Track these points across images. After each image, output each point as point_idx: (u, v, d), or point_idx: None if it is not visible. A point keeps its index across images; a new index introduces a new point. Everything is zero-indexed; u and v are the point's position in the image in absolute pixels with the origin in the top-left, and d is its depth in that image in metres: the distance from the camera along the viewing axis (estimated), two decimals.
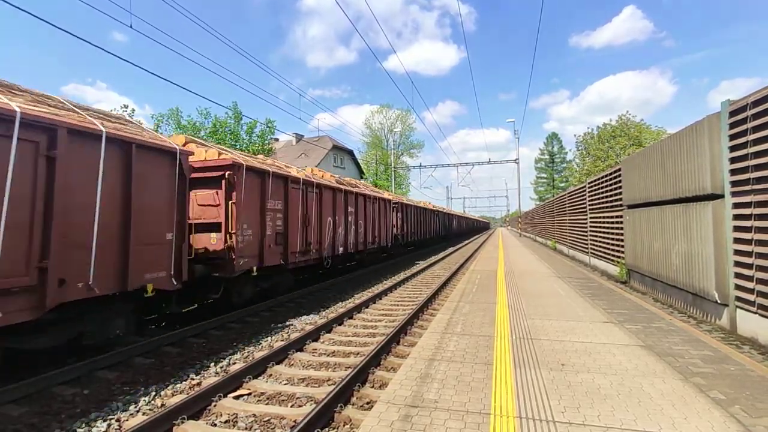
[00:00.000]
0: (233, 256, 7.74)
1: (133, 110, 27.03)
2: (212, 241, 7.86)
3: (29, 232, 4.45)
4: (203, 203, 7.93)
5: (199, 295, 8.10)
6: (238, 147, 26.28)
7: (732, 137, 6.17)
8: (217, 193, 7.90)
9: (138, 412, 4.34)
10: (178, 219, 6.50)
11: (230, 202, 7.80)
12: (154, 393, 4.78)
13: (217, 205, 7.89)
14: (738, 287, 6.09)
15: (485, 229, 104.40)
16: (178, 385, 5.00)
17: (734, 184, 6.14)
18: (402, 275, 14.56)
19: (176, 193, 6.48)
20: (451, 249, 29.26)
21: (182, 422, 3.93)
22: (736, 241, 6.10)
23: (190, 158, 7.18)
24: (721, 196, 6.43)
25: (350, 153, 49.53)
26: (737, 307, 6.15)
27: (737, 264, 6.09)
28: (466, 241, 40.02)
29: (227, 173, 7.83)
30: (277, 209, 9.39)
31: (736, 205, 6.10)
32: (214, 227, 7.88)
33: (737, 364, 4.26)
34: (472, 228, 73.30)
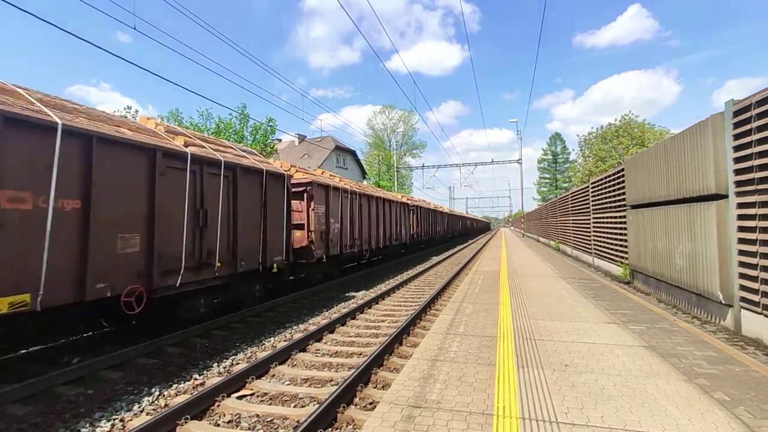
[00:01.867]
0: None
1: (137, 111, 27.01)
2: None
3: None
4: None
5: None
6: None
7: (736, 137, 6.14)
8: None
9: (141, 412, 4.36)
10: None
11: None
12: (157, 393, 4.79)
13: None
14: (742, 288, 6.06)
15: (485, 230, 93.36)
16: (182, 385, 5.02)
17: (738, 184, 6.11)
18: (410, 272, 14.59)
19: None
20: (445, 253, 29.20)
21: (185, 422, 3.94)
22: (741, 241, 6.07)
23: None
24: (725, 196, 6.40)
25: (353, 153, 49.54)
26: (742, 307, 6.12)
27: (741, 264, 6.06)
28: (463, 244, 39.85)
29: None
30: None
31: (741, 205, 6.07)
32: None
33: (742, 365, 4.24)
34: (467, 229, 60.81)
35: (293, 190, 10.34)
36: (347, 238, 13.26)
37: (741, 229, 6.06)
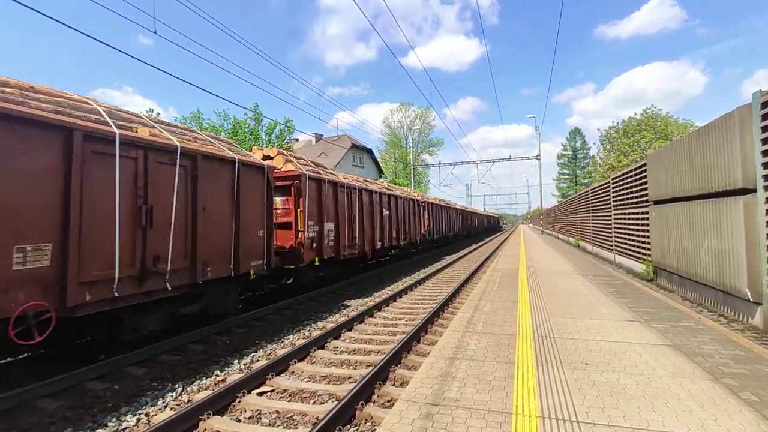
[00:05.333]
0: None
1: (158, 113, 27.61)
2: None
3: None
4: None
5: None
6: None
7: (764, 129, 5.93)
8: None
9: (166, 407, 4.47)
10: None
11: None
12: (180, 389, 4.91)
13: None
14: None
15: (495, 229, 75.34)
16: (203, 381, 5.13)
17: (767, 178, 5.91)
18: (425, 272, 14.55)
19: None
20: (461, 251, 28.96)
21: (208, 417, 4.02)
22: None
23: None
24: (753, 191, 6.19)
25: (369, 152, 49.60)
26: None
27: None
28: (479, 243, 39.38)
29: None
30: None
31: None
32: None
33: None
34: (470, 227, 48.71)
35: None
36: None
37: None
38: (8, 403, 4.27)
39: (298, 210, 9.70)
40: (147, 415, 4.28)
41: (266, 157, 10.38)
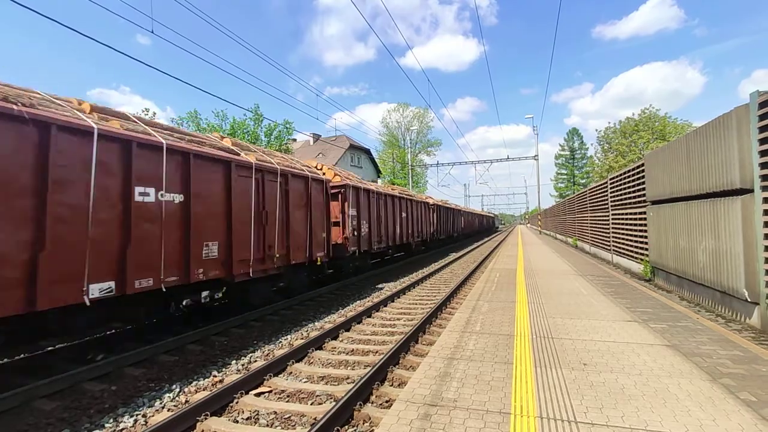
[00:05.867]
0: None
1: (155, 113, 27.52)
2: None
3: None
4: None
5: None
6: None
7: (762, 129, 5.94)
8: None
9: (163, 408, 4.46)
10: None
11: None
12: (178, 389, 4.90)
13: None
14: None
15: (488, 230, 67.72)
16: (201, 382, 5.11)
17: (764, 178, 5.92)
18: (425, 271, 14.58)
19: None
20: (464, 249, 29.03)
21: (205, 418, 4.01)
22: (767, 237, 5.88)
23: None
24: (751, 191, 6.21)
25: (367, 152, 49.58)
26: None
27: None
28: (480, 241, 39.50)
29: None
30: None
31: (767, 200, 5.88)
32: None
33: None
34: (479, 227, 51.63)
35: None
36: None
37: None
38: (5, 404, 4.25)
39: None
40: (144, 416, 4.26)
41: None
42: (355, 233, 12.85)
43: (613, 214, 14.97)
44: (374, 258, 16.55)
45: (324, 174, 11.95)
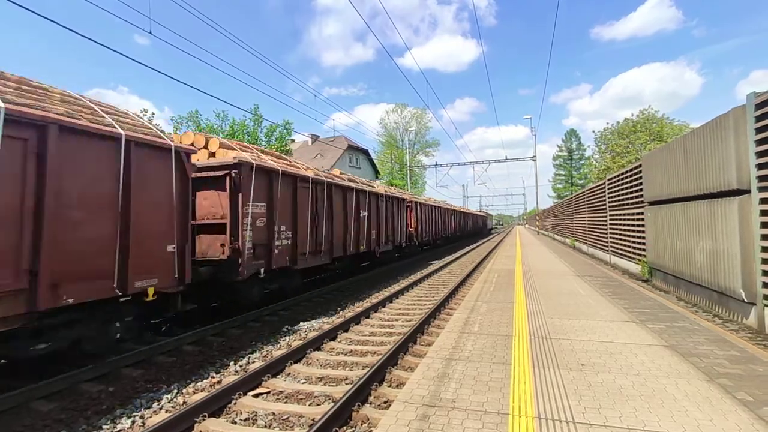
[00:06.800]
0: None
1: (153, 114, 27.46)
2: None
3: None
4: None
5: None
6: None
7: (758, 130, 5.97)
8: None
9: (161, 409, 4.44)
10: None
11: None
12: (176, 391, 4.88)
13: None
14: (766, 285, 5.89)
15: (477, 232, 53.41)
16: (199, 383, 5.10)
17: (761, 179, 5.95)
18: (426, 270, 14.56)
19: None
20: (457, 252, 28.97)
21: (203, 419, 4.00)
22: (764, 237, 5.91)
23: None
24: (748, 192, 6.24)
25: (365, 152, 49.57)
26: (765, 305, 5.96)
27: (765, 261, 5.90)
28: (473, 245, 39.31)
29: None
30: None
31: (764, 201, 5.91)
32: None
33: (766, 365, 4.13)
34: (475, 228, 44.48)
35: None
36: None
37: (765, 225, 5.90)
38: (2, 405, 4.23)
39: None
40: (142, 417, 4.25)
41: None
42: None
43: (610, 215, 15.01)
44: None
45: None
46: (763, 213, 5.91)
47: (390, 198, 16.40)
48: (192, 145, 8.00)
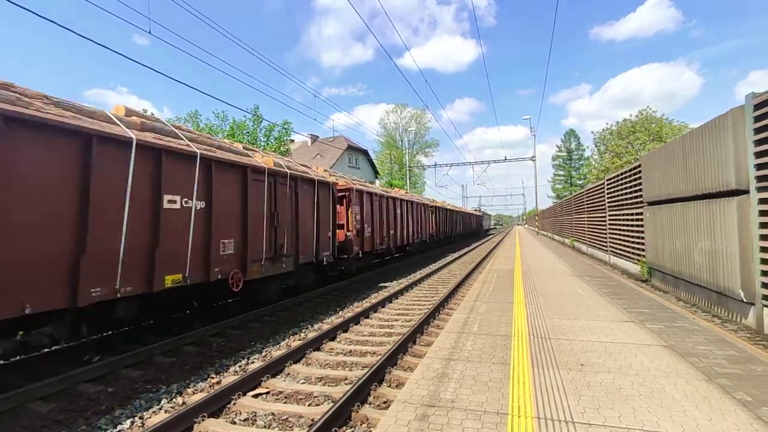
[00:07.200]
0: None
1: (152, 114, 27.43)
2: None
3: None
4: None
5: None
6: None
7: (757, 131, 5.99)
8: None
9: (160, 409, 4.44)
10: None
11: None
12: (175, 391, 4.88)
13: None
14: (765, 285, 5.90)
15: (474, 233, 50.72)
16: (199, 384, 5.10)
17: (760, 179, 5.96)
18: (425, 270, 14.58)
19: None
20: (462, 250, 29.05)
21: (203, 420, 4.00)
22: (763, 237, 5.92)
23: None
24: (746, 192, 6.25)
25: (365, 153, 49.57)
26: (764, 305, 5.97)
27: (764, 261, 5.91)
28: (478, 242, 39.37)
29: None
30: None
31: (763, 201, 5.92)
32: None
33: (765, 365, 4.14)
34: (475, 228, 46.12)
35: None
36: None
37: (763, 225, 5.91)
38: (1, 406, 4.22)
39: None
40: (141, 418, 4.24)
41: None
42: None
43: (610, 215, 15.02)
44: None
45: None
46: (762, 213, 5.92)
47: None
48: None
